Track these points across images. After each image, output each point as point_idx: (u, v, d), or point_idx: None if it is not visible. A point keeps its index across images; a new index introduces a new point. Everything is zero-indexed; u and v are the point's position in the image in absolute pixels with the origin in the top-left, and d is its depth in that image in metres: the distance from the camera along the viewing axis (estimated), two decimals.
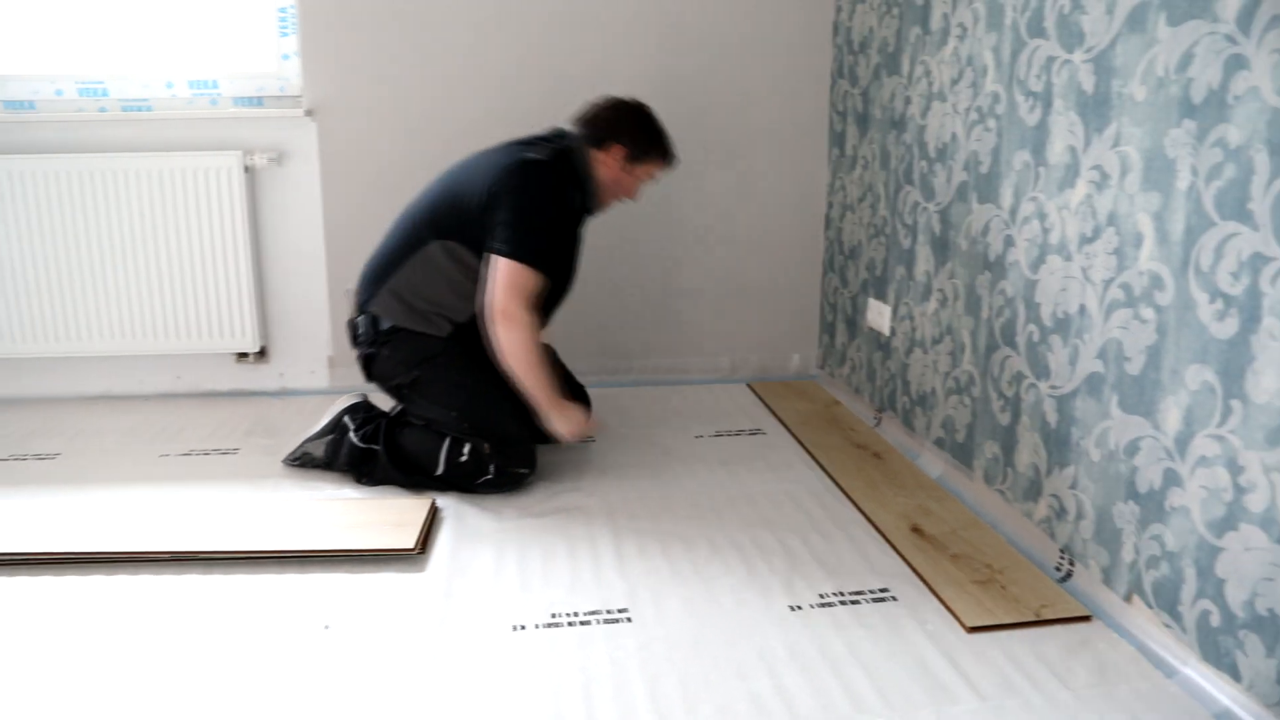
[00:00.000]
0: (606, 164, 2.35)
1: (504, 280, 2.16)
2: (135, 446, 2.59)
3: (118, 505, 2.19)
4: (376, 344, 2.31)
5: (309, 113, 2.87)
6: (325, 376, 3.08)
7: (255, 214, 2.94)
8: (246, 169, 2.86)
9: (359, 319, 2.35)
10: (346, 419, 2.34)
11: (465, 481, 2.24)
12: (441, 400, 2.26)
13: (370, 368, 2.35)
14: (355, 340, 2.37)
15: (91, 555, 1.92)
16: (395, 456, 2.27)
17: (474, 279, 2.24)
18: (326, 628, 1.70)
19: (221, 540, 1.97)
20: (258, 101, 2.92)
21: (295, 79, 2.91)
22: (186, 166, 2.82)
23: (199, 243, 2.87)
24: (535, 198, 2.23)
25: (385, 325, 2.29)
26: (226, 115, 2.86)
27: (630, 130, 2.36)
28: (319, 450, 2.36)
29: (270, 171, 2.92)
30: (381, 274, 2.32)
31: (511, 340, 2.18)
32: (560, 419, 2.28)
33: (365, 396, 2.44)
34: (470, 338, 2.26)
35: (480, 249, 2.22)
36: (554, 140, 2.35)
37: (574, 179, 2.33)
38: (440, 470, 2.24)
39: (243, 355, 3.03)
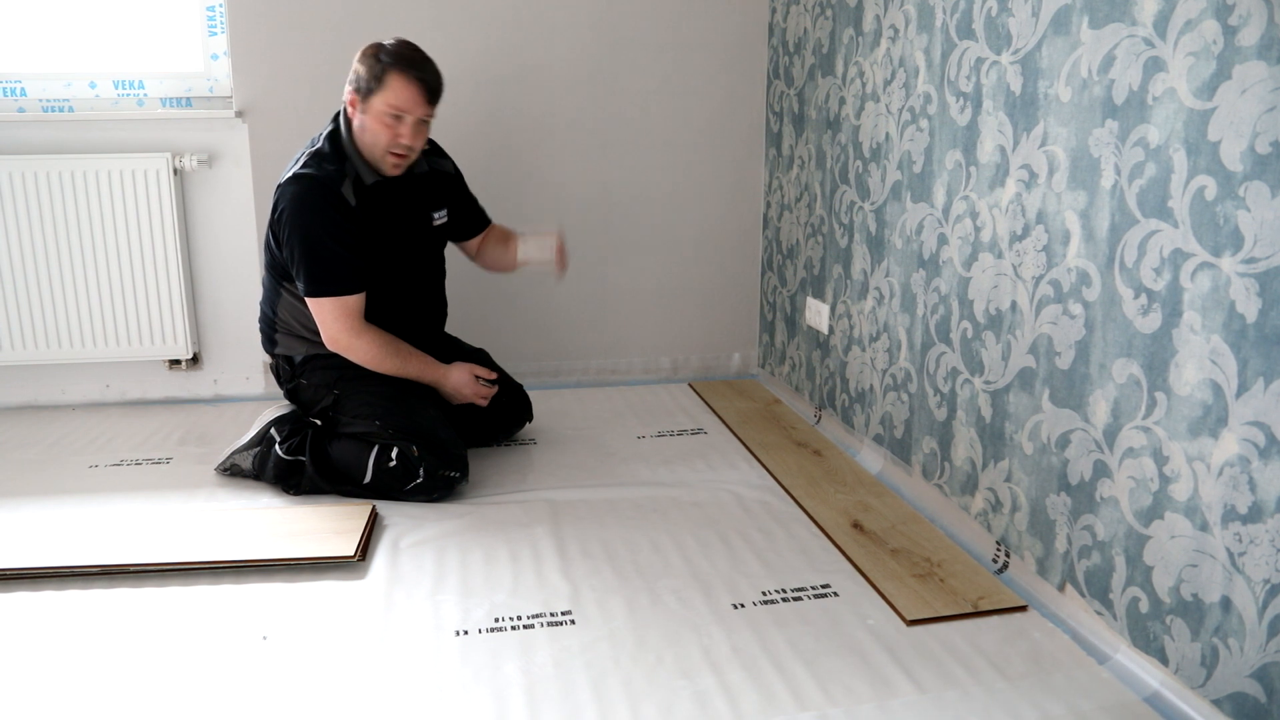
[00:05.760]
0: (354, 119, 2.24)
1: (322, 318, 2.26)
2: (63, 458, 2.52)
3: (45, 518, 2.12)
4: (295, 377, 2.40)
5: (240, 114, 2.81)
6: (261, 382, 3.02)
7: (185, 217, 2.87)
8: (175, 171, 2.79)
9: (276, 363, 2.44)
10: (273, 431, 2.30)
11: (395, 488, 2.20)
12: (363, 413, 2.26)
13: (297, 400, 2.42)
14: (280, 381, 2.46)
15: (16, 571, 1.86)
16: (322, 467, 2.24)
17: None
18: (265, 639, 1.66)
19: (154, 552, 1.92)
20: (186, 102, 2.85)
21: (225, 79, 2.85)
22: (112, 169, 2.74)
23: (127, 247, 2.79)
24: (306, 223, 2.20)
25: (298, 359, 2.38)
26: (154, 116, 2.79)
27: (355, 72, 2.21)
28: (246, 462, 2.32)
29: (200, 174, 2.86)
30: (269, 321, 2.42)
31: (361, 356, 2.28)
32: (449, 381, 2.36)
33: (294, 407, 2.41)
34: None
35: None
36: (331, 124, 2.30)
37: (340, 157, 2.24)
38: (369, 478, 2.21)
39: (175, 362, 2.96)
